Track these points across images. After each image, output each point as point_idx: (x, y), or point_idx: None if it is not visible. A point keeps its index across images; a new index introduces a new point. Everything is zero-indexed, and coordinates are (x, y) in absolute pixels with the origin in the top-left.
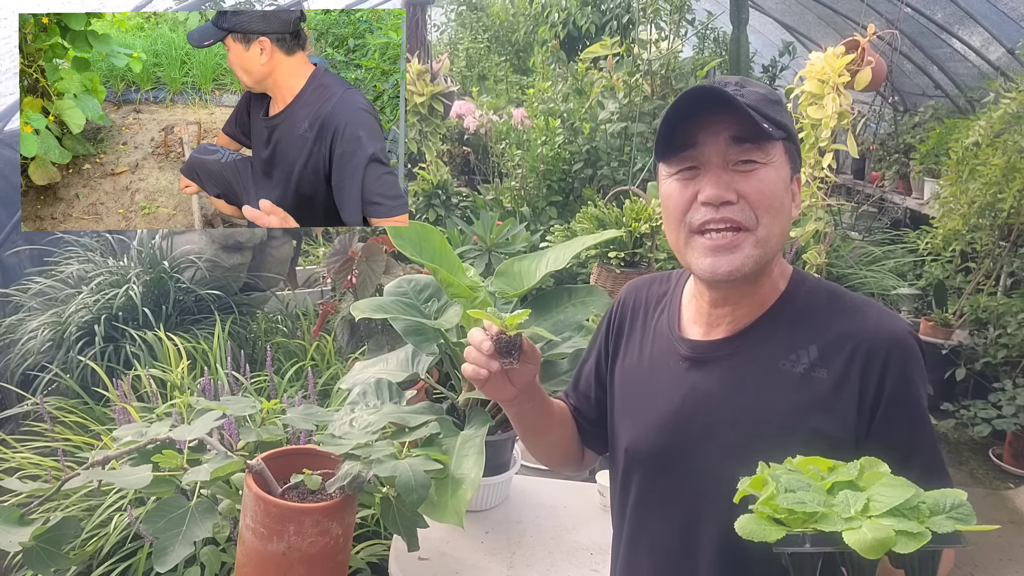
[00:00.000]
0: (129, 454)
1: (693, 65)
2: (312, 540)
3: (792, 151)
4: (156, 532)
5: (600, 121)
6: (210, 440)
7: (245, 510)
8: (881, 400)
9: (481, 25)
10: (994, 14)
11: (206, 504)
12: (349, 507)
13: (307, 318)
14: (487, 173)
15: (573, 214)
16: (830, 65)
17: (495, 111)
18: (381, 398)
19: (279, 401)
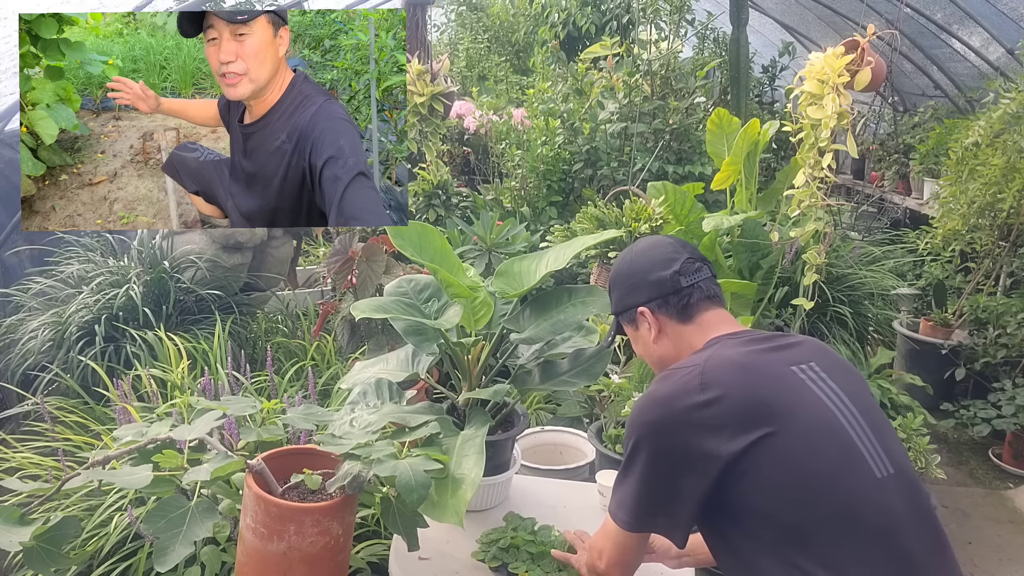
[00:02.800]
0: (129, 454)
1: (693, 65)
2: (312, 540)
3: None
4: (156, 532)
5: (600, 121)
6: (210, 440)
7: (245, 510)
8: None
9: (481, 25)
10: (994, 14)
11: (206, 504)
12: (349, 507)
13: (307, 318)
14: (487, 173)
15: (573, 214)
16: (830, 65)
17: (495, 111)
18: (381, 398)
19: (279, 401)
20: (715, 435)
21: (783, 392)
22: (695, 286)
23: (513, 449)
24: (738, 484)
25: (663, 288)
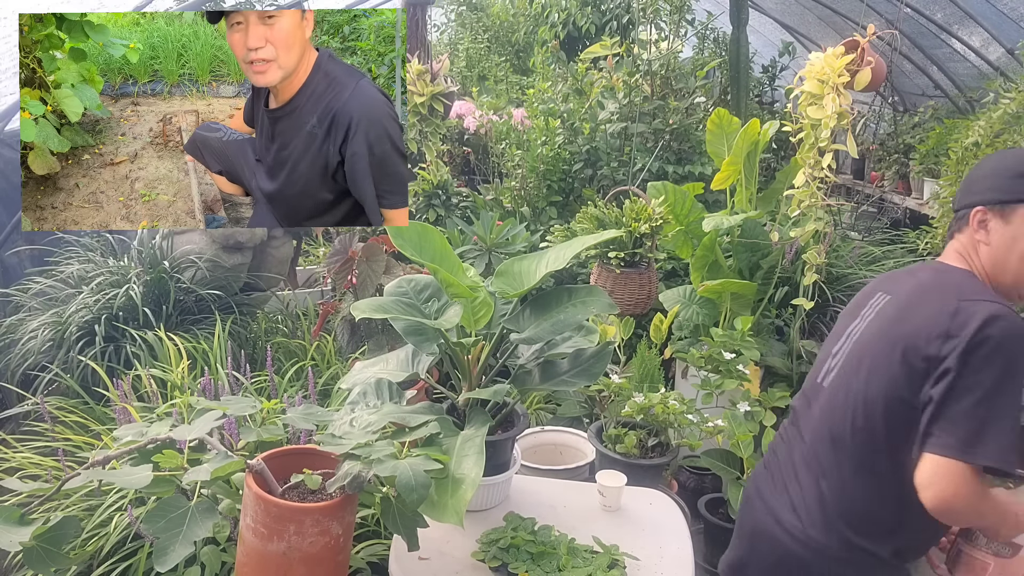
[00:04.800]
0: (129, 454)
1: (693, 65)
2: (312, 540)
3: None
4: (156, 532)
5: (600, 121)
6: (210, 440)
7: (245, 510)
8: None
9: (481, 25)
10: (994, 14)
11: (206, 504)
12: (349, 507)
13: (307, 318)
14: (487, 173)
15: (573, 214)
16: (830, 65)
17: (495, 111)
18: (381, 398)
19: (279, 401)
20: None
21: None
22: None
23: (513, 449)
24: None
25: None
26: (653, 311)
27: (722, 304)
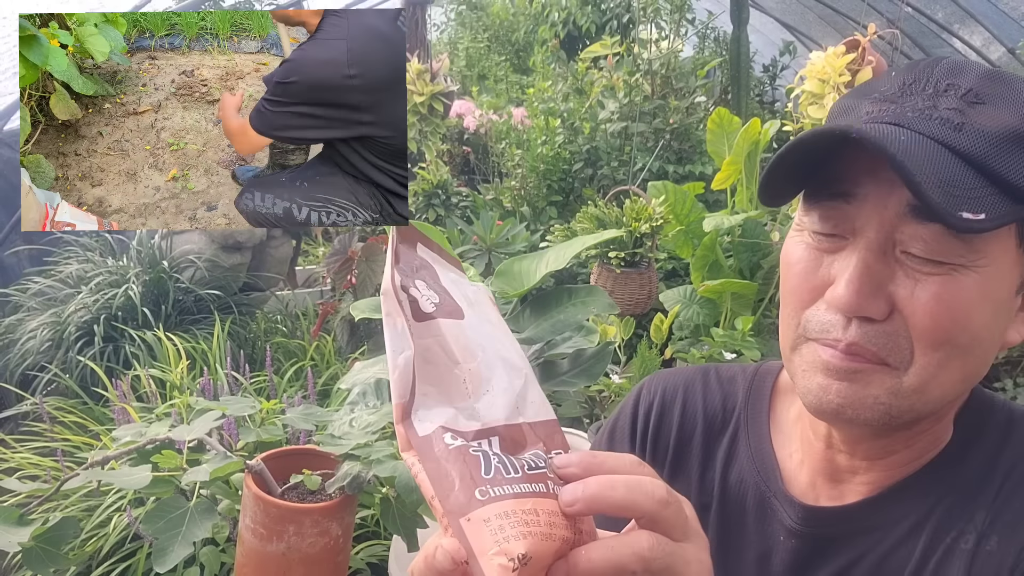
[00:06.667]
0: (128, 454)
1: (693, 64)
2: (312, 540)
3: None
4: (155, 532)
5: (600, 121)
6: (209, 440)
7: (244, 510)
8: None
9: (481, 25)
10: (995, 14)
11: (206, 504)
12: (349, 507)
13: (307, 318)
14: (487, 173)
15: (573, 214)
16: (831, 65)
17: (495, 111)
18: (381, 398)
19: (279, 401)
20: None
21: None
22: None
23: None
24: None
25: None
26: (653, 311)
27: (723, 304)
